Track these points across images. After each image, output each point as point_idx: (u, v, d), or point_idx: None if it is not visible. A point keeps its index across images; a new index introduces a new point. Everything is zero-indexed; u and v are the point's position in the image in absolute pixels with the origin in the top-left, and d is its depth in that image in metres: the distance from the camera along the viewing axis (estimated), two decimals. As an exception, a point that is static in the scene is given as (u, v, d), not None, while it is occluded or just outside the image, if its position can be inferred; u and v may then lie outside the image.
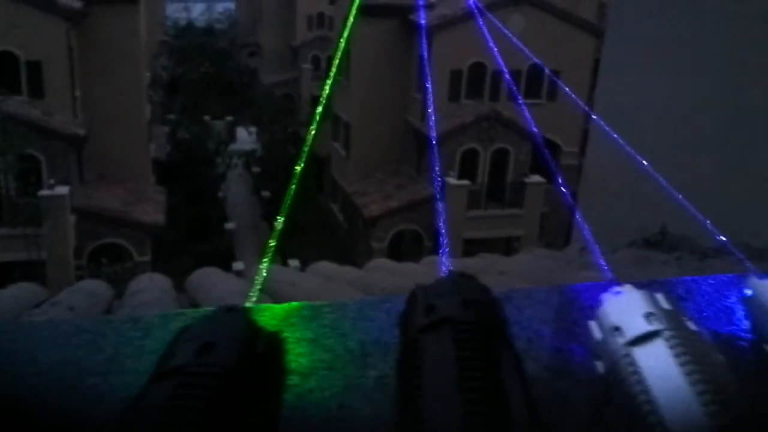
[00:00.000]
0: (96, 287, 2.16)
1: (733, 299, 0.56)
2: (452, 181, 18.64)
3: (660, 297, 0.46)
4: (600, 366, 0.46)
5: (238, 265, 15.52)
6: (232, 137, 29.59)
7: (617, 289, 0.49)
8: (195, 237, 19.39)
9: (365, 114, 20.23)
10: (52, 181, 14.73)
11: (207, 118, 28.84)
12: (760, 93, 2.70)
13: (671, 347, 0.42)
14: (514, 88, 18.52)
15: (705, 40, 2.93)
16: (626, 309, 0.46)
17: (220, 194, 24.32)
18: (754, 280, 0.55)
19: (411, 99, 20.34)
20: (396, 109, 20.17)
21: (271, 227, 23.24)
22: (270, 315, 0.62)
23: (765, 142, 2.72)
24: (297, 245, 19.54)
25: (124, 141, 17.62)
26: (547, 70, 17.95)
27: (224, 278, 2.39)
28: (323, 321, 0.59)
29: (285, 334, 0.52)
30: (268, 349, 0.43)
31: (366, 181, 20.29)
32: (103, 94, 17.27)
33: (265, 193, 24.50)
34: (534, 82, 19.70)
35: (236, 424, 0.37)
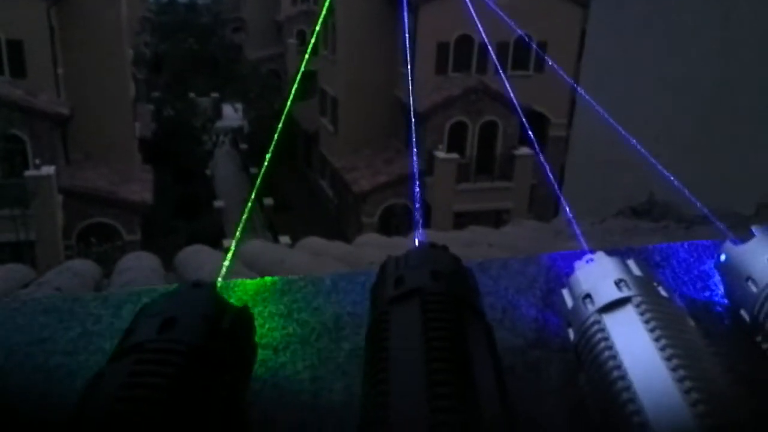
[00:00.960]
0: (83, 267, 2.15)
1: (710, 265, 0.56)
2: (441, 154, 18.62)
3: (632, 264, 0.46)
4: (572, 333, 0.46)
5: (228, 243, 15.50)
6: (218, 114, 29.35)
7: (590, 256, 0.49)
8: (184, 215, 19.33)
9: (353, 89, 20.09)
10: (37, 162, 14.59)
11: (192, 95, 28.55)
12: (745, 63, 2.71)
13: (641, 314, 0.41)
14: (495, 60, 18.43)
15: (691, 11, 2.92)
16: (598, 276, 0.46)
17: (208, 172, 24.20)
18: (729, 246, 0.55)
19: (398, 73, 20.21)
20: (383, 83, 20.04)
21: (261, 204, 23.25)
22: (242, 290, 0.61)
23: (750, 112, 2.73)
24: (287, 221, 19.53)
25: (109, 119, 17.43)
26: (533, 45, 17.88)
27: (213, 256, 2.39)
28: (297, 295, 0.59)
29: (257, 309, 0.52)
30: (234, 324, 0.42)
31: (355, 156, 20.23)
32: (86, 72, 17.03)
33: (254, 170, 24.39)
34: (521, 54, 19.61)
35: (199, 400, 0.35)
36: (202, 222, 19.42)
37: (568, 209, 3.28)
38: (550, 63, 18.11)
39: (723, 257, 0.55)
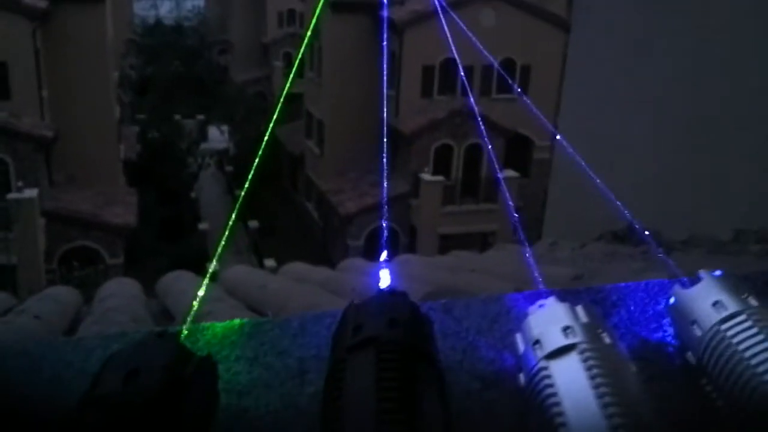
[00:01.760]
0: (63, 294, 2.12)
1: (663, 305, 0.57)
2: (426, 177, 18.70)
3: (580, 310, 0.47)
4: (522, 378, 0.47)
5: (212, 266, 15.38)
6: (203, 136, 29.31)
7: (542, 301, 0.50)
8: (168, 238, 19.18)
9: (338, 111, 20.19)
10: (20, 184, 14.45)
11: (178, 117, 28.51)
12: (723, 86, 2.75)
13: (584, 361, 0.43)
14: (466, 84, 18.61)
15: (668, 36, 2.97)
16: (547, 322, 0.47)
17: (193, 194, 24.09)
18: (678, 289, 0.56)
19: (384, 95, 20.31)
20: (369, 106, 20.14)
21: (246, 227, 23.14)
22: (211, 334, 0.61)
23: (728, 134, 2.77)
24: (273, 244, 19.44)
25: (93, 142, 17.35)
26: (497, 67, 18.10)
27: (195, 282, 2.37)
28: (264, 338, 0.59)
29: (224, 353, 0.52)
30: (197, 374, 0.43)
31: (340, 178, 20.26)
32: (71, 94, 16.98)
33: (239, 192, 24.28)
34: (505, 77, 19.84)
35: None
36: (187, 245, 19.28)
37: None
38: (518, 90, 18.31)
39: (672, 300, 0.56)
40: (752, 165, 2.71)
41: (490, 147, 18.16)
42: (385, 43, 17.39)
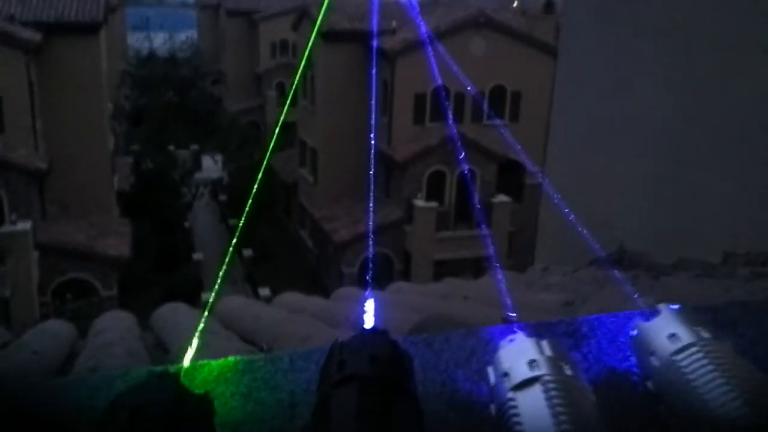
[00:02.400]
0: (59, 328, 2.12)
1: (628, 337, 0.61)
2: (420, 203, 18.76)
3: (545, 344, 0.51)
4: (493, 408, 0.51)
5: (207, 296, 15.32)
6: (197, 166, 29.37)
7: (512, 336, 0.54)
8: (162, 269, 19.10)
9: (331, 139, 20.32)
10: (13, 217, 14.42)
11: (171, 147, 28.58)
12: (710, 109, 2.81)
13: (546, 391, 0.47)
14: (449, 111, 18.79)
15: (655, 59, 3.03)
16: (515, 356, 0.51)
17: (187, 224, 24.05)
18: (639, 322, 0.60)
19: (376, 123, 20.49)
20: (362, 133, 20.28)
21: (240, 256, 23.07)
22: (207, 371, 0.65)
23: (716, 157, 2.82)
24: (267, 273, 19.39)
25: (87, 173, 17.37)
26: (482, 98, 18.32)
27: (189, 314, 2.38)
28: (257, 374, 0.62)
29: (220, 389, 0.56)
30: (195, 411, 0.46)
31: (334, 206, 20.30)
32: (64, 126, 17.04)
33: (233, 221, 24.30)
34: (496, 104, 20.05)
35: None
36: (181, 275, 19.20)
37: (541, 259, 3.32)
38: (496, 122, 18.50)
39: (635, 332, 0.60)
40: (740, 188, 2.75)
41: (461, 171, 18.28)
42: (374, 71, 17.57)
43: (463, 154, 18.13)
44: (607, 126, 3.34)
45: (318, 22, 2.14)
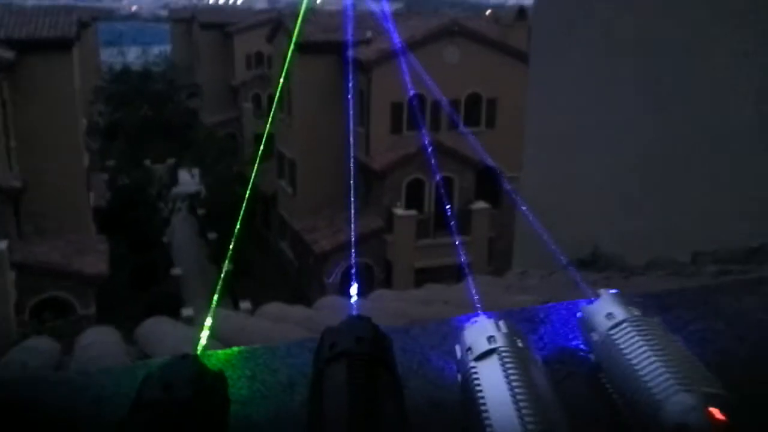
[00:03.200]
0: (43, 344, 2.13)
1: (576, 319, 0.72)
2: (399, 211, 18.84)
3: (501, 324, 0.61)
4: (459, 377, 0.61)
5: (187, 311, 15.21)
6: (174, 180, 29.18)
7: (474, 319, 0.64)
8: (141, 285, 18.92)
9: (309, 150, 20.34)
10: (-13, 237, 14.21)
11: (147, 162, 28.38)
12: (678, 114, 2.90)
13: (501, 360, 0.56)
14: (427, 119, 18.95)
15: (620, 66, 3.13)
16: (477, 333, 0.61)
17: (165, 239, 23.86)
18: (584, 305, 0.70)
19: (355, 133, 20.55)
20: (340, 143, 20.34)
21: (220, 270, 22.85)
22: (215, 359, 0.76)
23: (685, 163, 2.91)
24: (248, 286, 19.29)
25: (62, 191, 17.19)
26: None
27: (174, 327, 2.40)
28: (258, 360, 0.71)
29: (228, 373, 0.65)
30: (214, 385, 0.56)
31: (314, 217, 20.29)
32: (39, 144, 16.85)
33: (212, 235, 24.15)
34: (473, 111, 20.23)
35: None
36: (159, 291, 19.04)
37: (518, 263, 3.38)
38: (462, 128, 18.71)
39: (580, 314, 0.70)
40: (707, 190, 2.84)
41: (437, 179, 18.39)
42: (350, 82, 17.65)
43: (440, 161, 18.26)
44: (579, 132, 3.42)
45: (295, 34, 2.18)
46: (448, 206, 19.20)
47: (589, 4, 3.29)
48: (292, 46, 20.24)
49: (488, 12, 28.92)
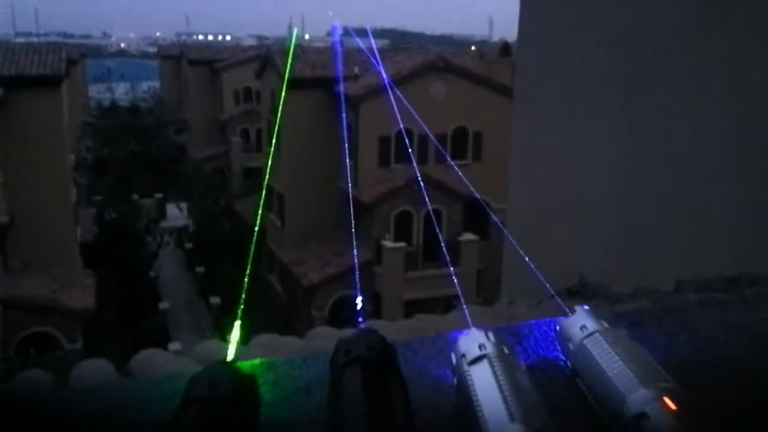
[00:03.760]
0: (37, 376, 2.14)
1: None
2: (388, 244, 18.89)
3: (490, 335, 0.71)
4: (455, 380, 0.69)
5: (174, 346, 15.06)
6: (162, 215, 29.14)
7: (467, 331, 0.73)
8: (128, 320, 18.75)
9: (298, 184, 20.44)
10: (-28, 273, 14.09)
11: (135, 197, 28.37)
12: (659, 147, 3.00)
13: (491, 365, 0.65)
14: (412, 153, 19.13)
15: (603, 101, 3.24)
16: (470, 342, 0.70)
17: (152, 273, 23.72)
18: (562, 320, 0.74)
19: (343, 166, 20.72)
20: (328, 177, 20.47)
21: (208, 303, 22.69)
22: (242, 368, 0.79)
23: (665, 192, 3.00)
24: (236, 319, 19.14)
25: (49, 226, 17.12)
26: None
27: (169, 358, 2.41)
28: (277, 370, 0.77)
29: None
30: (248, 385, 0.65)
31: (303, 250, 20.30)
32: (26, 180, 16.84)
33: (200, 269, 24.05)
34: (459, 144, 20.49)
35: (236, 429, 0.59)
36: (147, 326, 18.86)
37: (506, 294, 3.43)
38: (449, 161, 18.94)
39: (558, 327, 0.74)
40: (688, 220, 2.93)
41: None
42: (344, 115, 17.86)
43: (428, 194, 18.41)
44: (562, 164, 3.52)
45: (287, 71, 2.26)
46: (437, 238, 19.27)
47: (570, 42, 3.42)
48: (281, 82, 20.47)
49: (473, 48, 29.45)
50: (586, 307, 0.78)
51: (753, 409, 0.73)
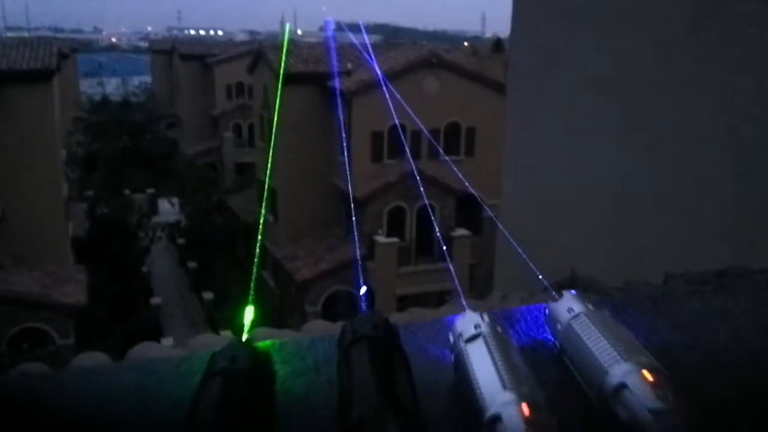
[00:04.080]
0: (35, 370, 2.16)
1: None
2: (381, 239, 18.92)
3: (485, 315, 0.77)
4: (452, 357, 0.76)
5: (167, 341, 15.06)
6: (154, 210, 29.07)
7: (464, 313, 0.79)
8: (120, 315, 18.72)
9: (291, 179, 20.41)
10: (-36, 268, 14.04)
11: (127, 192, 28.28)
12: (649, 143, 3.04)
13: (485, 342, 0.71)
14: (402, 147, 19.16)
15: (593, 97, 3.28)
16: (466, 323, 0.76)
17: (145, 268, 23.68)
18: (551, 303, 0.79)
19: (336, 162, 20.73)
20: (321, 172, 20.48)
21: (200, 298, 22.61)
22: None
23: (654, 187, 3.05)
24: (229, 315, 19.16)
25: (41, 222, 17.06)
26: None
27: (164, 351, 2.44)
28: (288, 350, 0.82)
29: None
30: (265, 360, 0.72)
31: (296, 245, 20.30)
32: (17, 175, 16.76)
33: (192, 264, 24.02)
34: (452, 139, 20.53)
35: (256, 399, 0.64)
36: (139, 321, 18.84)
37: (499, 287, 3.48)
38: (442, 157, 19.00)
39: (547, 311, 0.79)
40: (677, 214, 2.98)
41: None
42: (339, 111, 17.85)
43: (421, 189, 18.46)
44: (554, 160, 3.56)
45: (282, 66, 2.29)
46: (430, 233, 19.33)
47: (563, 39, 3.46)
48: (274, 77, 20.41)
49: (466, 44, 29.47)
50: (573, 292, 0.84)
51: (728, 386, 0.80)
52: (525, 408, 0.60)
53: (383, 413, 0.58)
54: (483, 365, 0.67)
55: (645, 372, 0.64)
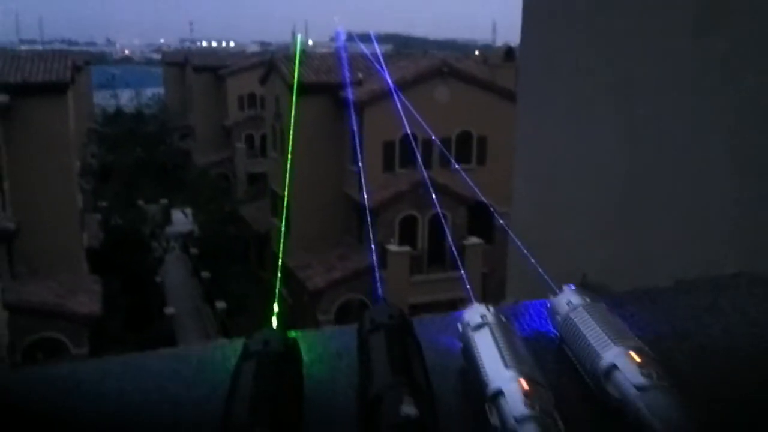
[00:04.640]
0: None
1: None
2: (393, 248, 18.95)
3: (490, 308, 0.82)
4: (459, 345, 0.81)
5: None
6: (167, 220, 29.30)
7: (471, 305, 0.84)
8: (134, 325, 18.86)
9: (303, 189, 20.52)
10: (-20, 279, 14.21)
11: (140, 202, 28.54)
12: (657, 148, 3.05)
13: (491, 331, 0.76)
14: (413, 156, 19.18)
15: (604, 104, 3.29)
16: (473, 314, 0.81)
17: (158, 279, 23.85)
18: (551, 297, 0.83)
19: (347, 171, 20.83)
20: (333, 182, 20.60)
21: (213, 308, 22.66)
22: None
23: (666, 193, 3.06)
24: (241, 324, 19.24)
25: (55, 232, 17.25)
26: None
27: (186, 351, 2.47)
28: (309, 341, 0.90)
29: None
30: (294, 344, 0.77)
31: (308, 254, 20.37)
32: (32, 186, 16.99)
33: (205, 274, 24.16)
34: (464, 148, 20.57)
35: (289, 377, 0.70)
36: (153, 330, 18.97)
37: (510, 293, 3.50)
38: (454, 165, 19.03)
39: (548, 305, 0.89)
40: (687, 219, 2.98)
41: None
42: (353, 120, 17.94)
43: (433, 198, 18.48)
44: (564, 167, 3.58)
45: (295, 76, 2.33)
46: (442, 242, 19.32)
47: (572, 47, 3.48)
48: (286, 88, 20.56)
49: (477, 53, 29.54)
50: (572, 287, 0.90)
51: (716, 377, 0.86)
52: (524, 382, 0.66)
53: (399, 388, 0.64)
54: (487, 349, 0.73)
55: (632, 353, 0.72)
